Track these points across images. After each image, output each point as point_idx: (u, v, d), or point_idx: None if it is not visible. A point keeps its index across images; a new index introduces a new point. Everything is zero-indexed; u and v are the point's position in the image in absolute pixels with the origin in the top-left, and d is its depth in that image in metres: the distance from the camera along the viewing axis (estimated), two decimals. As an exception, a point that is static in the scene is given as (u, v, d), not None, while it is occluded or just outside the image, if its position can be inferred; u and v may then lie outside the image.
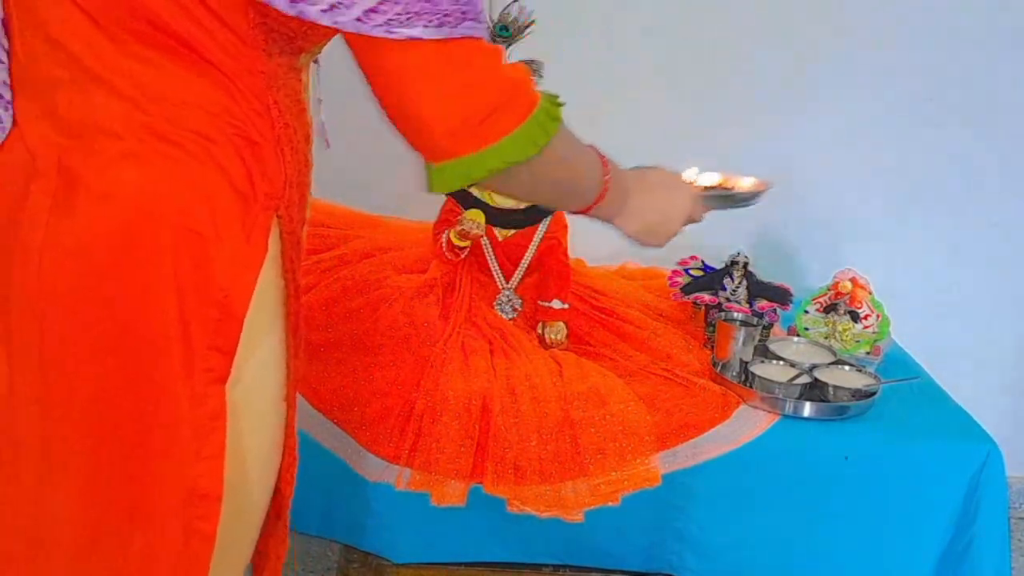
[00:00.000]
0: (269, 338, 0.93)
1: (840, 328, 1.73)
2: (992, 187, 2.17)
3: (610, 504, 1.39)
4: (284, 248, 0.92)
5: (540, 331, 1.65)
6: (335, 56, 0.99)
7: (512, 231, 1.67)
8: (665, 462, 1.43)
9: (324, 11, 0.82)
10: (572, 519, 1.39)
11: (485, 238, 1.64)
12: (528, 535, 1.45)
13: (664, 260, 1.91)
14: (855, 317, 1.74)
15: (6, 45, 0.89)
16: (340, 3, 0.82)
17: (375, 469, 1.42)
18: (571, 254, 1.72)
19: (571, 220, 1.71)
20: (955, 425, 1.54)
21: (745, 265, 1.74)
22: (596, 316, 1.71)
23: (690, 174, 1.37)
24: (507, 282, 1.68)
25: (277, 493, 1.01)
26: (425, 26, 0.83)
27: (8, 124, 0.89)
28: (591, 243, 1.91)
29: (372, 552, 1.49)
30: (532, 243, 1.67)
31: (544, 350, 1.61)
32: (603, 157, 1.07)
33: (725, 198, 1.33)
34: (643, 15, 2.09)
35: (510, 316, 1.66)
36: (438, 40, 0.83)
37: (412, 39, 0.82)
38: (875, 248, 2.16)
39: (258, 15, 0.85)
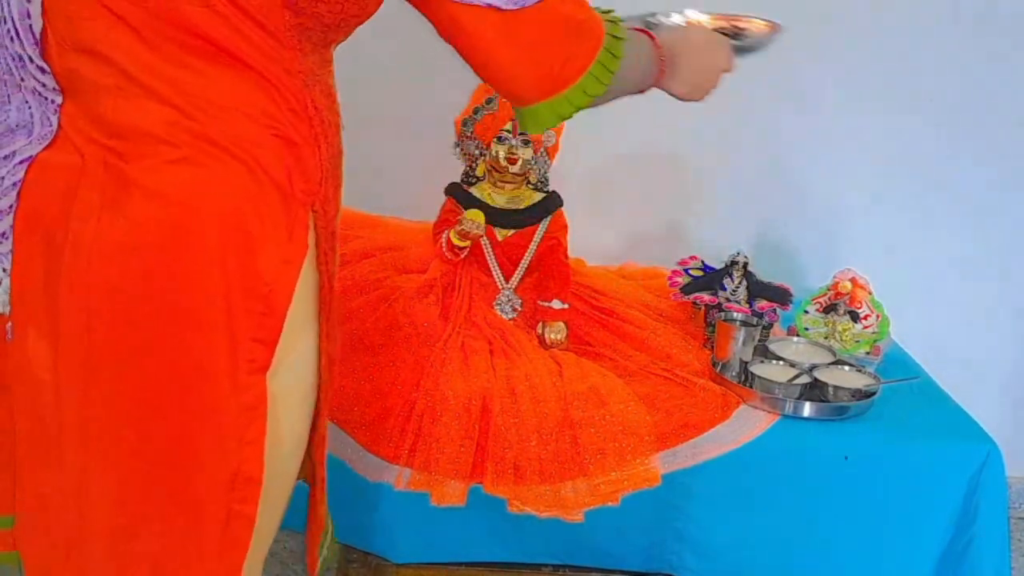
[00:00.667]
0: (307, 330, 0.97)
1: (840, 328, 1.73)
2: (992, 187, 2.17)
3: (610, 504, 1.39)
4: (319, 241, 0.96)
5: (540, 331, 1.65)
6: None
7: (512, 231, 1.67)
8: (665, 462, 1.43)
9: None
10: (572, 519, 1.39)
11: (485, 238, 1.64)
12: (528, 535, 1.45)
13: (664, 260, 1.92)
14: (855, 317, 1.74)
15: (41, 56, 0.91)
16: None
17: (375, 469, 1.42)
18: (571, 254, 1.72)
19: (571, 220, 1.71)
20: (955, 425, 1.54)
21: (745, 265, 1.74)
22: (596, 316, 1.71)
23: (692, 14, 1.42)
24: (507, 282, 1.68)
25: (311, 469, 1.07)
26: None
27: (55, 126, 0.92)
28: (591, 243, 1.91)
29: (372, 552, 1.49)
30: (532, 243, 1.67)
31: (544, 350, 1.61)
32: (655, 39, 1.13)
33: (748, 48, 1.38)
34: (644, 11, 2.09)
35: (510, 316, 1.66)
36: (511, 10, 0.91)
37: (482, 5, 0.90)
38: (875, 248, 2.16)
39: (293, 16, 0.88)
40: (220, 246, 0.87)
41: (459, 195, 1.67)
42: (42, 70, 0.91)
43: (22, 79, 0.93)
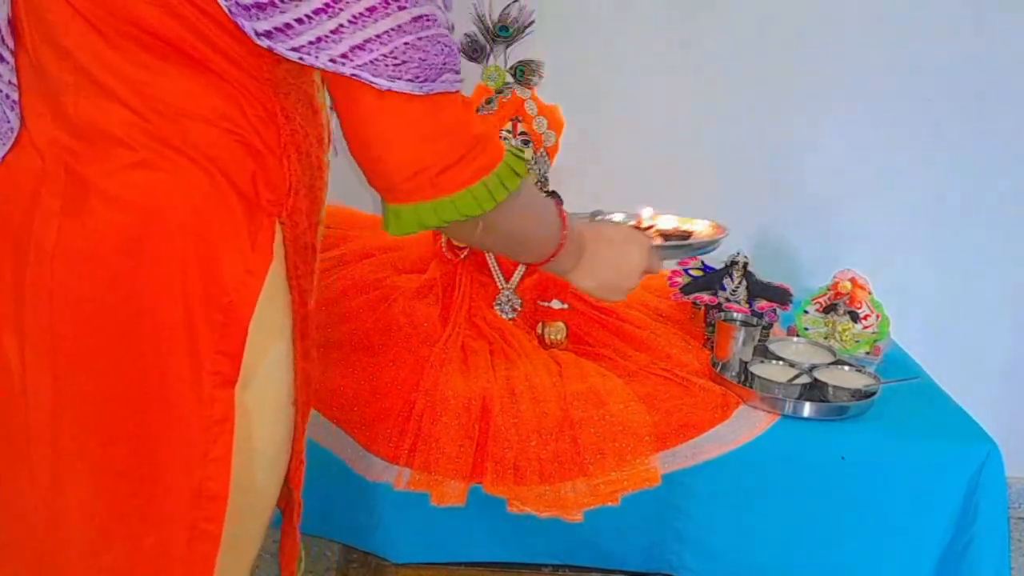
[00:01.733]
0: (278, 342, 0.94)
1: (840, 328, 1.73)
2: (992, 187, 2.17)
3: (610, 504, 1.39)
4: (288, 254, 0.93)
5: (540, 331, 1.65)
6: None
7: (512, 231, 1.66)
8: (665, 462, 1.43)
9: (302, 47, 0.82)
10: (572, 519, 1.38)
11: (485, 238, 1.64)
12: (528, 535, 1.45)
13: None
14: (855, 317, 1.74)
15: (11, 45, 0.89)
16: (324, 38, 0.82)
17: (374, 469, 1.42)
18: (571, 254, 1.72)
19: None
20: (955, 425, 1.54)
21: (745, 265, 1.74)
22: (596, 316, 1.71)
23: (646, 214, 1.39)
24: (507, 282, 1.68)
25: (287, 495, 1.02)
26: (410, 80, 0.84)
27: (16, 124, 0.90)
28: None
29: (371, 552, 1.49)
30: (532, 243, 1.67)
31: (544, 350, 1.61)
32: (563, 213, 1.08)
33: (682, 248, 1.33)
34: (643, 15, 2.09)
35: (510, 316, 1.66)
36: (420, 96, 0.85)
37: (394, 91, 0.84)
38: (875, 248, 2.16)
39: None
40: (180, 254, 0.85)
41: (459, 195, 1.67)
42: (2, 58, 0.89)
43: None
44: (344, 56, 0.83)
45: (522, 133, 1.62)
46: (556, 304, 1.65)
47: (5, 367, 0.90)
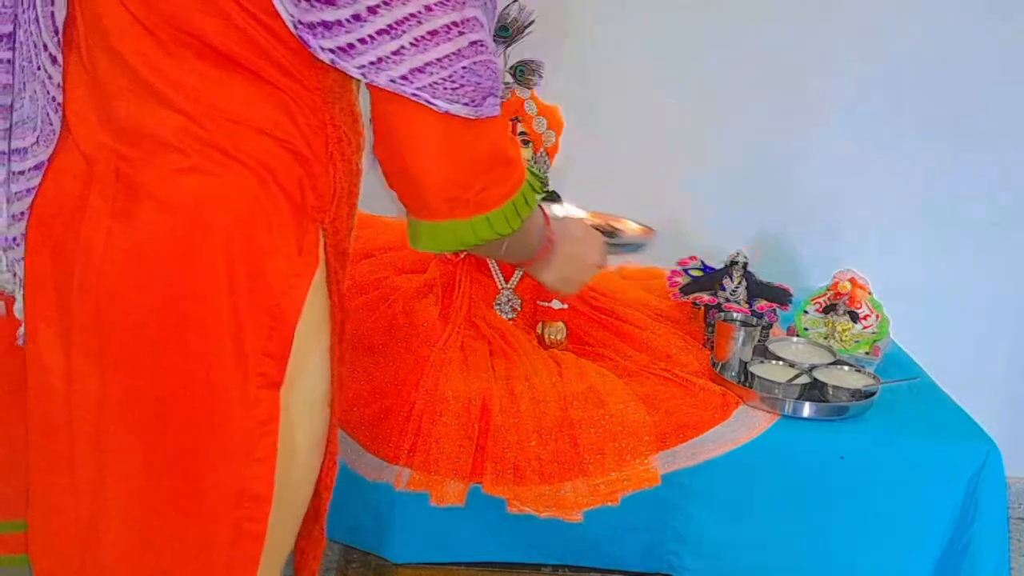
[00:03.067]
0: (319, 345, 0.95)
1: (839, 328, 1.73)
2: (991, 187, 2.17)
3: (609, 504, 1.39)
4: (329, 259, 0.94)
5: (539, 331, 1.65)
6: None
7: (512, 231, 1.66)
8: (664, 462, 1.43)
9: (364, 66, 0.84)
10: (571, 519, 1.39)
11: (485, 238, 1.64)
12: (527, 535, 1.45)
13: (664, 260, 1.92)
14: (854, 317, 1.74)
15: (62, 49, 0.90)
16: (386, 59, 0.84)
17: (374, 469, 1.42)
18: (571, 254, 1.72)
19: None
20: (954, 425, 1.54)
21: (744, 265, 1.74)
22: (595, 316, 1.71)
23: (570, 208, 1.44)
24: (506, 282, 1.68)
25: (316, 495, 1.03)
26: (466, 104, 0.87)
27: (58, 126, 0.91)
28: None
29: (371, 552, 1.49)
30: (532, 243, 1.67)
31: (543, 350, 1.61)
32: (547, 215, 1.11)
33: (618, 246, 1.40)
34: (643, 15, 2.09)
35: (509, 316, 1.66)
36: (465, 118, 0.87)
37: (451, 114, 0.86)
38: (875, 248, 2.16)
39: None
40: (228, 257, 0.86)
41: (459, 195, 1.67)
42: (53, 60, 0.90)
43: (37, 68, 0.92)
44: (404, 77, 0.85)
45: (522, 133, 1.62)
46: (556, 304, 1.65)
47: (45, 367, 0.92)
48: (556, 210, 1.44)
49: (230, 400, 0.88)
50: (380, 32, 0.83)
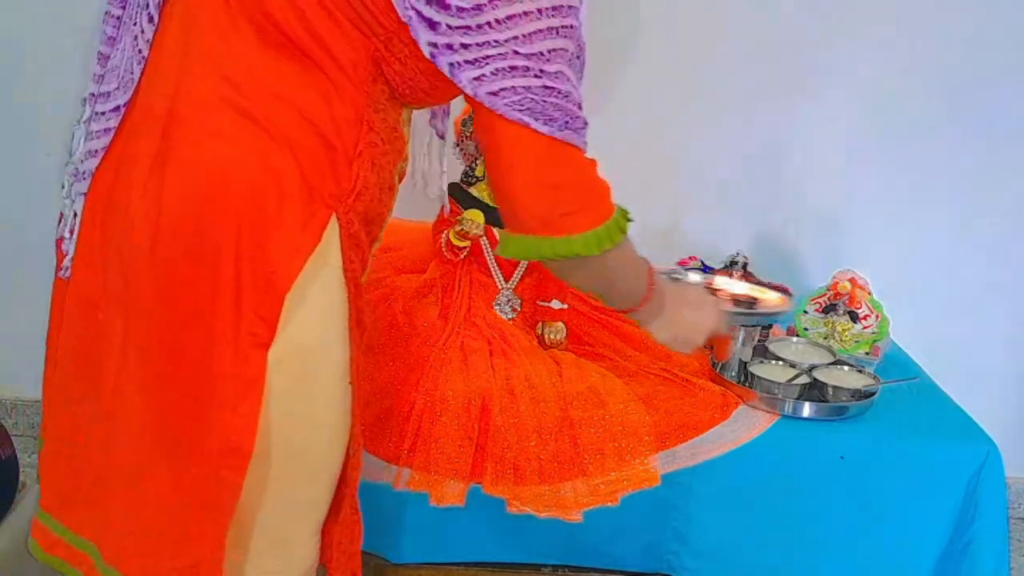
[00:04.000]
0: (333, 323, 1.01)
1: (839, 328, 1.73)
2: (992, 187, 2.17)
3: (609, 504, 1.39)
4: (344, 247, 0.99)
5: (539, 331, 1.65)
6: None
7: (511, 231, 1.66)
8: (664, 462, 1.43)
9: (472, 82, 0.93)
10: (571, 519, 1.39)
11: (484, 238, 1.64)
12: (527, 535, 1.45)
13: (663, 260, 1.92)
14: (854, 317, 1.74)
15: (159, 7, 0.98)
16: (486, 76, 0.93)
17: (374, 469, 1.42)
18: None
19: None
20: (954, 426, 1.54)
21: (745, 265, 1.74)
22: (595, 316, 1.71)
23: (720, 282, 1.58)
24: (506, 282, 1.68)
25: (343, 478, 1.10)
26: (560, 128, 0.97)
27: (137, 77, 0.98)
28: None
29: (372, 552, 1.49)
30: (531, 243, 1.67)
31: (543, 350, 1.61)
32: (652, 270, 1.21)
33: (749, 316, 1.49)
34: (643, 15, 2.09)
35: (509, 316, 1.66)
36: (549, 137, 0.96)
37: (524, 124, 0.95)
38: (875, 248, 2.16)
39: (376, 52, 0.96)
40: (237, 222, 0.92)
41: (458, 195, 1.67)
42: (150, 19, 0.98)
43: (134, 23, 1.00)
44: (509, 104, 0.95)
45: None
46: (556, 304, 1.65)
47: (88, 300, 1.01)
48: (692, 276, 1.63)
49: (224, 354, 0.94)
50: (488, 56, 0.93)
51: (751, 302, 1.51)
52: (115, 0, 1.04)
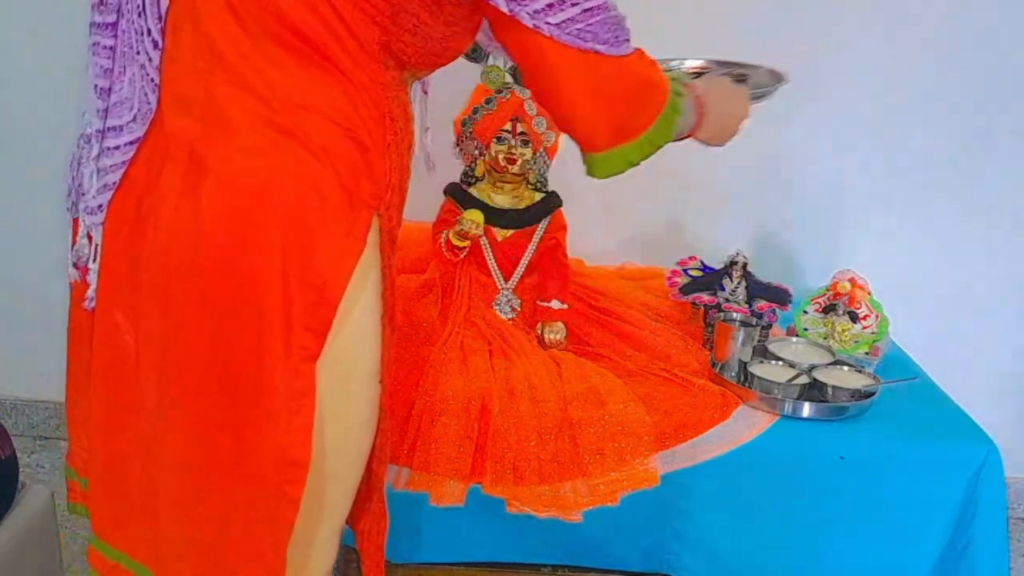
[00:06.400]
0: (371, 323, 1.01)
1: (839, 328, 1.73)
2: (992, 187, 2.17)
3: (609, 504, 1.39)
4: (383, 244, 1.00)
5: (539, 331, 1.65)
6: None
7: (511, 231, 1.67)
8: (664, 462, 1.43)
9: (536, 13, 0.95)
10: (571, 519, 1.39)
11: (484, 238, 1.64)
12: (527, 535, 1.45)
13: (663, 260, 1.92)
14: (854, 317, 1.74)
15: (164, 32, 0.96)
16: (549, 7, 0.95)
17: (374, 469, 1.42)
18: (570, 254, 1.72)
19: (570, 220, 1.71)
20: (954, 426, 1.54)
21: (744, 265, 1.74)
22: (595, 316, 1.71)
23: (692, 63, 1.56)
24: (506, 282, 1.68)
25: (369, 472, 1.09)
26: (603, 43, 0.99)
27: (154, 104, 0.97)
28: (591, 243, 1.92)
29: (371, 552, 1.49)
30: (531, 243, 1.67)
31: (543, 350, 1.61)
32: (697, 94, 1.20)
33: (757, 97, 1.45)
34: (643, 15, 2.09)
35: (509, 316, 1.66)
36: (604, 55, 0.99)
37: (584, 50, 0.97)
38: (874, 248, 2.16)
39: (381, 34, 0.95)
40: (283, 236, 0.92)
41: (458, 195, 1.67)
42: (155, 44, 0.96)
43: (137, 52, 0.98)
44: (558, 24, 0.96)
45: (521, 133, 1.62)
46: (556, 304, 1.65)
47: (116, 325, 0.99)
48: (687, 64, 1.57)
49: (275, 370, 0.93)
50: None
51: (741, 78, 1.49)
52: (103, 31, 1.01)
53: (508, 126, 1.62)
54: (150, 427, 0.98)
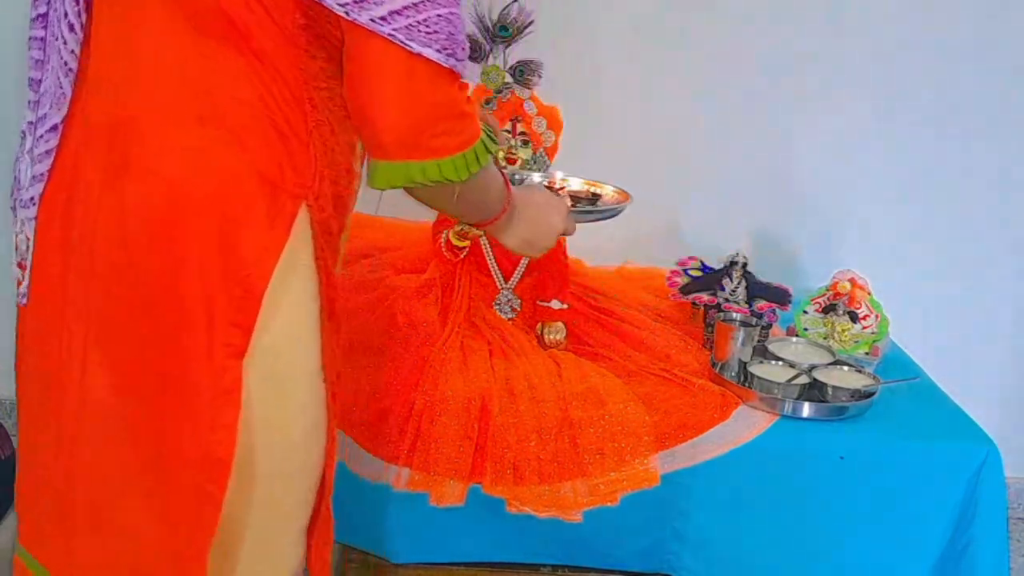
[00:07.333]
0: (305, 317, 0.99)
1: (839, 328, 1.73)
2: (991, 187, 2.17)
3: (609, 504, 1.39)
4: (315, 235, 0.98)
5: (539, 331, 1.65)
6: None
7: (511, 231, 1.66)
8: (664, 462, 1.43)
9: (348, 4, 0.88)
10: (571, 519, 1.39)
11: (484, 238, 1.64)
12: (527, 535, 1.45)
13: (663, 260, 1.92)
14: (854, 317, 1.74)
15: (84, 19, 0.96)
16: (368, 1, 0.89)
17: (374, 469, 1.42)
18: (570, 254, 1.72)
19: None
20: (954, 426, 1.54)
21: (744, 265, 1.74)
22: (595, 316, 1.71)
23: (559, 176, 1.58)
24: (506, 282, 1.68)
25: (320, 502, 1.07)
26: (438, 51, 0.91)
27: (68, 92, 0.96)
28: (591, 243, 1.91)
29: (371, 552, 1.49)
30: (531, 243, 1.67)
31: (543, 350, 1.61)
32: (508, 184, 1.18)
33: (591, 212, 1.47)
34: (642, 16, 2.09)
35: (509, 316, 1.66)
36: (432, 62, 0.91)
37: (424, 56, 0.91)
38: (874, 248, 2.16)
39: (303, 17, 0.92)
40: (203, 230, 0.91)
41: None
42: (71, 27, 0.95)
43: (55, 38, 0.97)
44: (383, 18, 0.89)
45: (521, 133, 1.62)
46: (556, 304, 1.65)
47: (45, 328, 0.98)
48: (536, 178, 1.59)
49: (199, 368, 0.92)
50: None
51: (593, 199, 1.50)
52: (36, 24, 1.01)
53: (508, 126, 1.62)
54: (72, 426, 0.96)
